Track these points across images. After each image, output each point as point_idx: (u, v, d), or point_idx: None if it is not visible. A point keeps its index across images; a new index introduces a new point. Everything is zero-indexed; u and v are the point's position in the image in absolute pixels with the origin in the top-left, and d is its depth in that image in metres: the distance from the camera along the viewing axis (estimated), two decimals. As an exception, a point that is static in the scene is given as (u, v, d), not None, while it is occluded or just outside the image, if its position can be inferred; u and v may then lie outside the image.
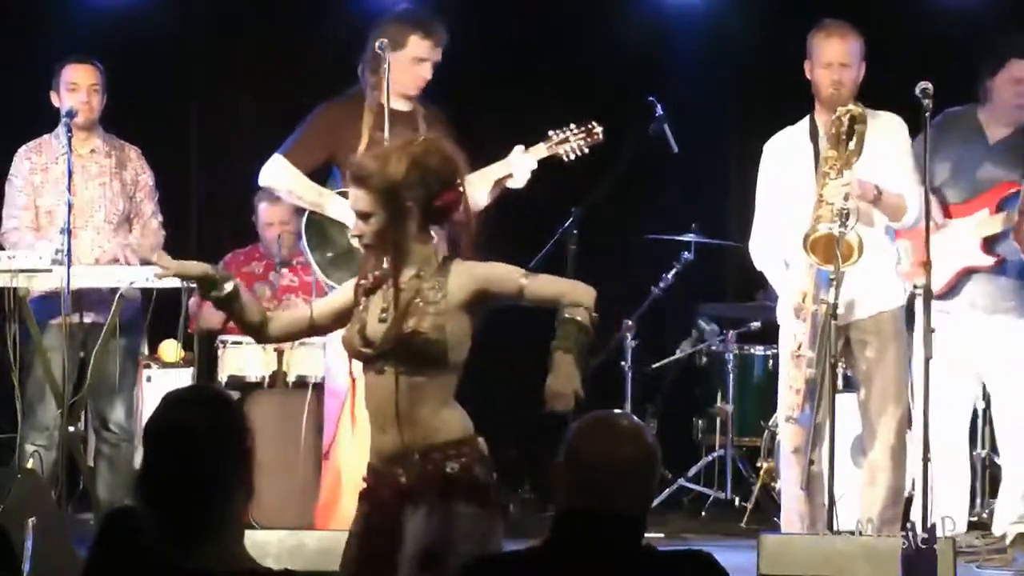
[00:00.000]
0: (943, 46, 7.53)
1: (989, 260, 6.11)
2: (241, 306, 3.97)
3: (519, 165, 5.79)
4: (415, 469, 3.80)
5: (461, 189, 3.91)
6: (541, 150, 5.83)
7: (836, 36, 5.66)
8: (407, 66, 5.77)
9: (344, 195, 5.79)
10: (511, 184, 5.79)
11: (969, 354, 6.16)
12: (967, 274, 6.13)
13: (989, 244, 6.12)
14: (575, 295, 3.89)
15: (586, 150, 5.84)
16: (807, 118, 5.78)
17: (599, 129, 5.87)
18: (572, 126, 5.85)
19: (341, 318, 3.99)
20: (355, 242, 4.04)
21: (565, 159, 5.85)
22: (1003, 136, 6.21)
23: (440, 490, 3.78)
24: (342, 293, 4.03)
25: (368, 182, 3.85)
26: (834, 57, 5.64)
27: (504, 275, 3.90)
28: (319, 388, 6.57)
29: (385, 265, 3.92)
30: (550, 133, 5.83)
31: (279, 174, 5.82)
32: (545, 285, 3.92)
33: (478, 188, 5.64)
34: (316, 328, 4.09)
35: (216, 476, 2.94)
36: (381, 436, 3.86)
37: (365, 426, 5.54)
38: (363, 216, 3.87)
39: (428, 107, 5.89)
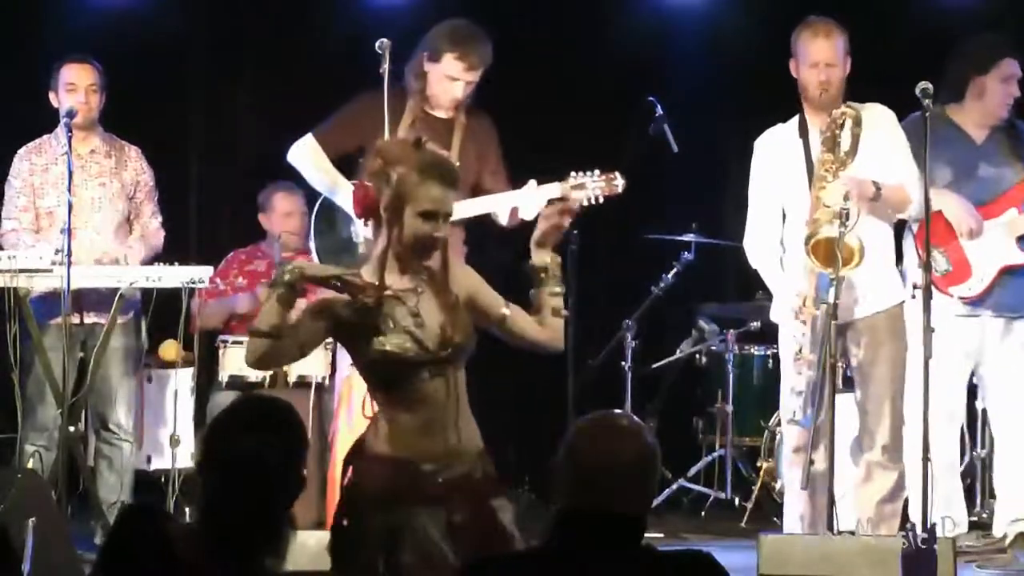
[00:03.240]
0: (943, 46, 7.53)
1: None
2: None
3: (527, 200, 5.66)
4: (461, 470, 3.80)
5: None
6: (555, 189, 5.63)
7: (822, 36, 5.64)
8: (439, 82, 5.76)
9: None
10: (521, 215, 5.67)
11: (970, 357, 6.15)
12: (1004, 274, 6.11)
13: (1022, 242, 6.14)
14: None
15: (601, 200, 5.64)
16: (797, 115, 5.78)
17: (620, 182, 5.66)
18: (596, 172, 5.65)
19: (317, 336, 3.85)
20: (426, 245, 3.84)
21: (575, 205, 5.48)
22: (986, 135, 6.20)
23: (493, 489, 3.83)
24: (319, 311, 3.81)
25: (454, 184, 3.87)
26: (820, 57, 5.62)
27: (492, 297, 3.95)
28: (320, 388, 6.58)
29: (395, 272, 3.85)
30: (572, 174, 5.64)
31: (305, 154, 5.83)
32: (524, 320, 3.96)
33: (492, 207, 5.70)
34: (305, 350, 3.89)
35: (280, 503, 2.97)
36: (428, 439, 3.79)
37: (359, 418, 5.55)
38: (447, 218, 3.85)
39: (476, 117, 5.87)
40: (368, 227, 3.94)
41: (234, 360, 6.75)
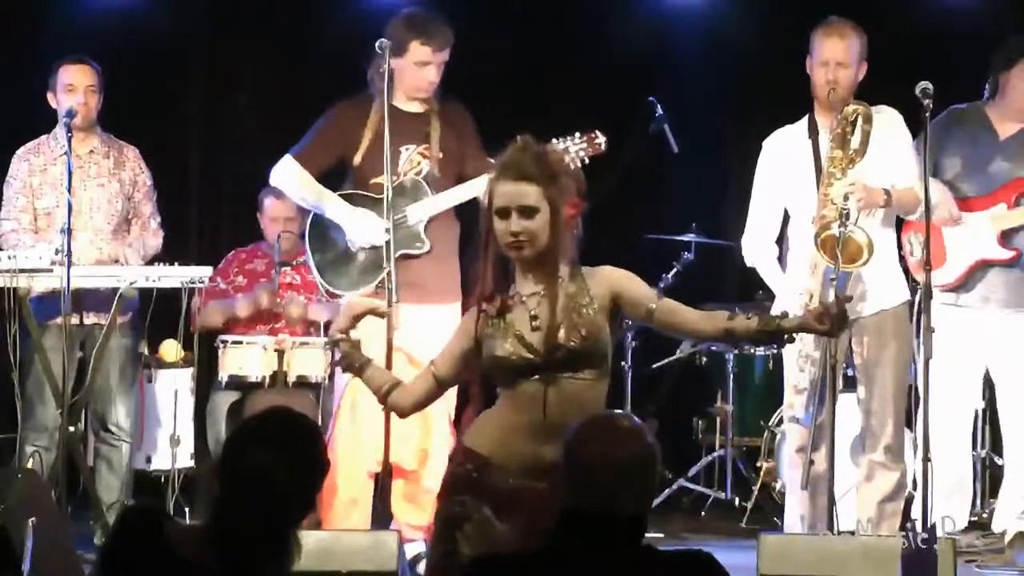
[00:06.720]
0: (943, 46, 7.53)
1: (1007, 253, 6.13)
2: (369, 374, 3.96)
3: None
4: (538, 481, 3.72)
5: (582, 206, 3.93)
6: None
7: (835, 35, 5.67)
8: (410, 71, 5.81)
9: (350, 197, 5.82)
10: None
11: (976, 350, 6.15)
12: (982, 267, 6.13)
13: (1006, 238, 6.14)
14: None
15: (586, 160, 5.76)
16: (807, 116, 5.79)
17: (601, 139, 5.83)
18: (576, 135, 5.81)
19: (468, 361, 3.89)
20: (507, 243, 3.83)
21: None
22: (1013, 132, 6.21)
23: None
24: (460, 336, 3.91)
25: (534, 177, 3.80)
26: (831, 56, 5.65)
27: (639, 291, 3.90)
28: (319, 389, 6.58)
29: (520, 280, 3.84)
30: (553, 141, 5.72)
31: (287, 175, 5.89)
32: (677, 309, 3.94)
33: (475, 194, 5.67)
34: (447, 385, 3.97)
35: (287, 520, 2.97)
36: (519, 441, 3.78)
37: (364, 422, 5.51)
38: (528, 211, 3.79)
39: (448, 104, 5.93)
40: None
41: (234, 360, 6.75)
